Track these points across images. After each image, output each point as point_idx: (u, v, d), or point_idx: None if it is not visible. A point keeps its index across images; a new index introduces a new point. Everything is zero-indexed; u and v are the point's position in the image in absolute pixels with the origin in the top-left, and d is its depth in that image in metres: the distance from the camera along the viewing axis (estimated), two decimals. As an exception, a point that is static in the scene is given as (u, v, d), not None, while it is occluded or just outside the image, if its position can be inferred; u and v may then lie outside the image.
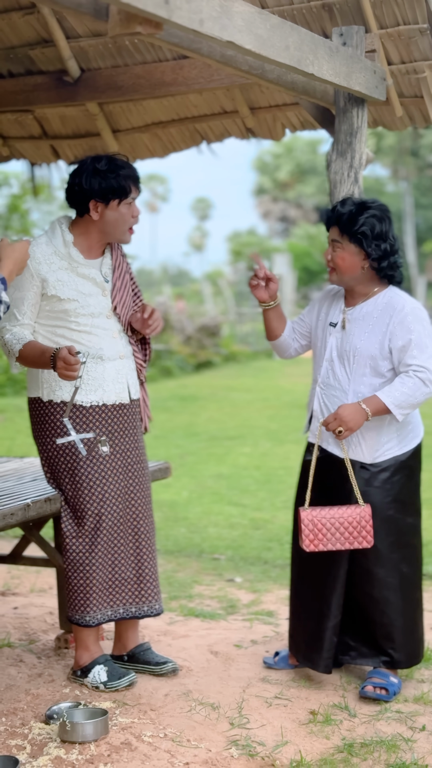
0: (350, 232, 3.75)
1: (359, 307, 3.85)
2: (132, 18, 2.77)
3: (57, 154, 5.62)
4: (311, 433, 3.93)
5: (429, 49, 4.20)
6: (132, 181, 3.83)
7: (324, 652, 3.86)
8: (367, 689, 3.78)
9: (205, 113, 5.13)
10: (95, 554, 3.82)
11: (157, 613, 3.96)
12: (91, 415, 3.82)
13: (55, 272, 3.79)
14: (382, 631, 3.85)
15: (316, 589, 3.90)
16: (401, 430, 3.84)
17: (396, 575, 3.84)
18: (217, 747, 3.34)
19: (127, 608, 3.90)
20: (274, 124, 5.09)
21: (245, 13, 3.10)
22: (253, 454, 10.22)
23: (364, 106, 4.15)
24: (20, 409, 13.88)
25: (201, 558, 6.09)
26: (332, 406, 3.84)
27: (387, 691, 3.78)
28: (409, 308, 3.76)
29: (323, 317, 3.97)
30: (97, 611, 3.84)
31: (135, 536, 3.92)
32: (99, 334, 3.83)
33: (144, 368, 4.03)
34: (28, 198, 17.06)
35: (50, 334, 3.81)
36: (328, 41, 3.72)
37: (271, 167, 49.64)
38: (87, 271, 3.84)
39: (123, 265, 3.98)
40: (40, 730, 3.45)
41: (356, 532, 3.71)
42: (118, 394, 3.87)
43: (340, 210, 3.79)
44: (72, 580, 3.84)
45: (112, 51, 4.82)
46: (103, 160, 3.82)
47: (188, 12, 2.80)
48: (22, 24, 4.84)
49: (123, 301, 3.91)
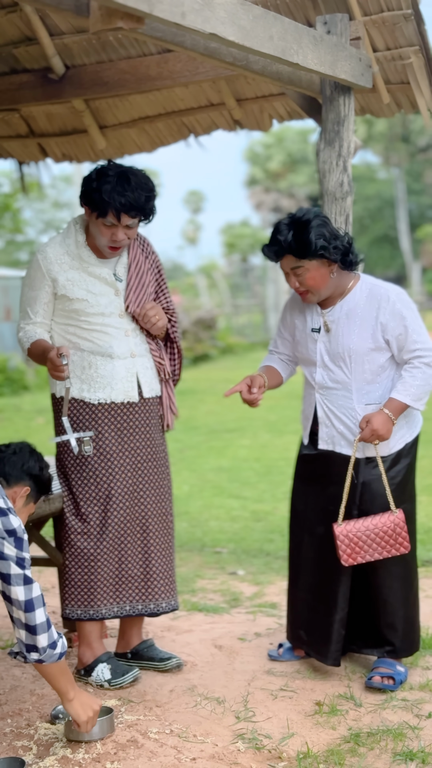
0: (309, 254, 3.68)
1: (338, 307, 3.82)
2: (113, 13, 2.75)
3: (45, 152, 5.60)
4: (322, 441, 3.87)
5: (414, 34, 4.17)
6: (116, 208, 3.67)
7: (332, 644, 3.86)
8: (374, 680, 3.78)
9: (191, 106, 5.12)
10: (101, 550, 3.82)
11: (166, 611, 3.94)
12: (99, 412, 3.83)
13: (66, 272, 3.80)
14: (386, 621, 3.85)
15: (320, 581, 3.90)
16: (408, 416, 3.85)
17: (400, 563, 3.84)
18: (223, 741, 3.34)
19: (133, 605, 3.90)
20: (262, 115, 5.07)
21: (227, 4, 3.09)
22: (252, 446, 10.22)
23: (351, 94, 4.14)
24: (18, 409, 13.88)
25: (203, 552, 6.09)
26: (337, 409, 3.82)
27: (394, 680, 3.78)
28: (394, 296, 3.76)
29: (300, 325, 3.93)
30: (102, 606, 3.84)
31: (143, 534, 3.91)
32: (110, 332, 3.83)
33: (164, 365, 3.99)
34: (20, 197, 17.02)
35: (63, 332, 3.86)
36: (312, 30, 3.70)
37: (262, 158, 49.54)
38: (98, 270, 3.84)
39: (144, 264, 3.95)
40: (45, 730, 3.45)
41: (392, 540, 3.71)
42: (126, 393, 3.87)
43: (284, 239, 3.68)
44: (74, 576, 3.84)
45: (97, 47, 4.79)
46: (111, 172, 3.72)
47: (170, 5, 2.79)
48: (5, 22, 4.81)
49: (138, 300, 3.88)
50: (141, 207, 3.72)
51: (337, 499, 3.80)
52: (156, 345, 3.99)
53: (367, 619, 3.90)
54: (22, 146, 5.60)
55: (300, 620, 4.00)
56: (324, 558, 3.87)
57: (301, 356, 3.96)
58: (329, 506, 3.84)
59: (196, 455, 9.78)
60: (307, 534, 3.94)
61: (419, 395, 3.72)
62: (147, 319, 3.87)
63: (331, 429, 3.85)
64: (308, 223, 3.68)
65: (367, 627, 3.92)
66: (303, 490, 3.98)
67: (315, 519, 3.91)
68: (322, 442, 3.87)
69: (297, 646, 4.04)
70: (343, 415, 3.81)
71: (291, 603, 4.06)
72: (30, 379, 16.49)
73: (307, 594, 3.95)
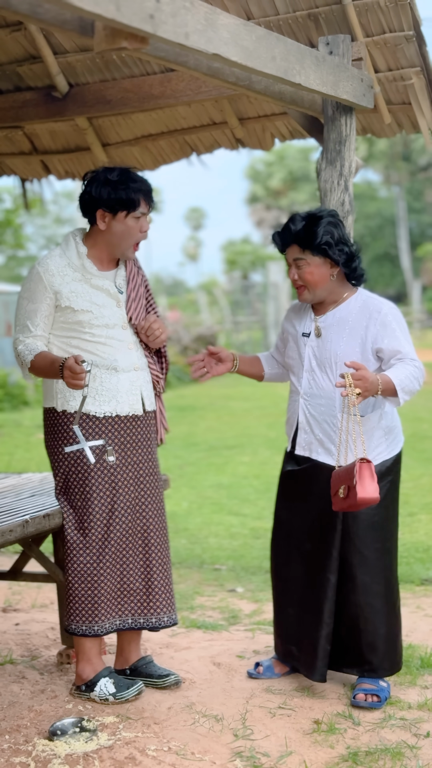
0: (312, 246, 3.76)
1: (331, 314, 3.86)
2: (117, 33, 2.78)
3: (47, 170, 5.63)
4: (299, 446, 3.91)
5: (415, 55, 4.21)
6: (143, 195, 3.83)
7: (319, 660, 3.86)
8: (358, 698, 3.77)
9: (194, 125, 5.15)
10: (103, 565, 3.82)
11: (167, 625, 3.94)
12: (104, 425, 3.84)
13: (69, 284, 3.82)
14: (366, 639, 3.85)
15: (308, 597, 3.90)
16: (388, 435, 3.86)
17: (381, 582, 3.84)
18: (221, 759, 3.34)
19: (135, 618, 3.90)
20: (264, 134, 5.10)
21: (230, 25, 3.11)
22: (252, 462, 10.22)
23: (352, 114, 4.17)
24: (18, 424, 13.88)
25: (202, 569, 6.09)
26: (319, 416, 3.84)
27: (378, 697, 3.77)
28: (386, 308, 3.79)
29: (293, 330, 3.98)
30: (105, 620, 3.84)
31: (145, 548, 3.92)
32: (114, 345, 3.85)
33: (160, 380, 4.03)
34: (22, 212, 17.07)
35: (65, 345, 3.85)
36: (315, 51, 3.73)
37: (263, 175, 49.71)
38: (101, 282, 3.86)
39: (138, 277, 4.00)
40: (44, 747, 3.44)
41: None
42: (131, 406, 3.88)
43: (294, 228, 3.79)
44: (77, 591, 3.84)
45: (100, 65, 4.83)
46: (115, 171, 3.84)
47: (173, 26, 2.81)
48: (10, 41, 4.85)
49: (138, 313, 3.92)
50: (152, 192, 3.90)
51: (324, 513, 3.80)
52: (153, 359, 4.01)
53: (348, 637, 3.89)
54: (25, 163, 5.63)
55: (289, 635, 4.00)
56: (311, 574, 3.88)
57: (290, 361, 3.98)
58: (315, 522, 3.86)
59: (195, 472, 9.77)
60: (295, 550, 3.95)
61: (406, 385, 3.66)
62: (151, 332, 3.89)
63: (309, 435, 3.87)
64: (320, 218, 3.78)
65: (347, 645, 3.91)
66: (287, 506, 3.99)
67: (302, 536, 3.92)
68: (299, 448, 3.91)
69: (287, 661, 4.04)
70: (325, 422, 3.83)
71: (279, 619, 4.06)
72: (30, 394, 16.50)
73: (296, 609, 3.96)
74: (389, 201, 44.20)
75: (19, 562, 4.51)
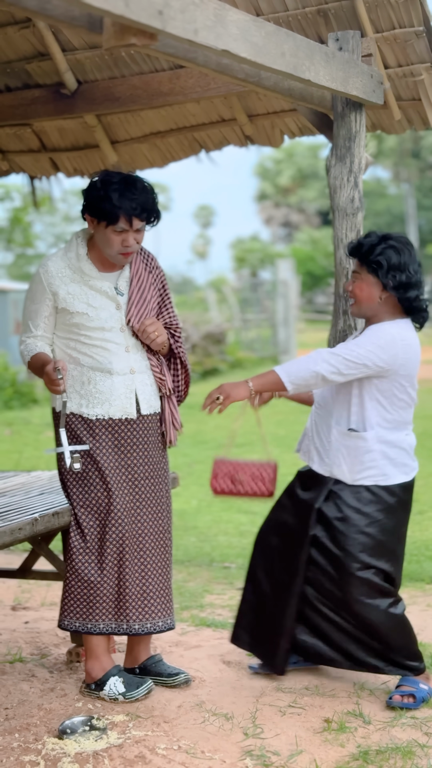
0: (367, 263, 3.76)
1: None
2: (126, 30, 2.76)
3: (56, 167, 5.63)
4: (302, 452, 4.06)
5: (426, 51, 4.19)
6: (126, 212, 3.69)
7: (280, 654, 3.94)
8: (394, 698, 3.76)
9: (203, 122, 5.14)
10: (101, 568, 3.81)
11: (162, 629, 3.91)
12: (96, 428, 3.82)
13: (67, 285, 3.81)
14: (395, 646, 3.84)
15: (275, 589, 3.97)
16: (386, 460, 3.79)
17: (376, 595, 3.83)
18: (231, 758, 3.33)
19: (130, 624, 3.86)
20: (273, 131, 5.09)
21: (240, 21, 3.10)
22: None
23: (362, 110, 4.15)
24: (27, 422, 13.89)
25: (211, 567, 6.08)
26: (318, 425, 3.95)
27: (414, 698, 3.75)
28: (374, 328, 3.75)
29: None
30: (100, 621, 3.82)
31: (140, 552, 3.88)
32: (110, 348, 3.82)
33: (164, 382, 3.95)
34: (31, 210, 17.09)
35: (65, 347, 3.86)
36: (324, 47, 3.72)
37: (272, 173, 49.67)
38: (99, 284, 3.84)
39: (146, 278, 3.93)
40: (53, 745, 3.44)
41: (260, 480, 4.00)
42: (125, 409, 3.86)
43: (361, 241, 3.81)
44: (74, 590, 3.82)
45: (109, 62, 4.82)
46: (115, 179, 3.75)
47: (182, 22, 2.80)
48: (18, 38, 4.85)
49: (139, 315, 3.87)
50: (150, 209, 3.77)
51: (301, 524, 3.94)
52: (157, 361, 3.97)
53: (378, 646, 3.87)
54: (34, 161, 5.63)
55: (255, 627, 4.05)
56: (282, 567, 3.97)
57: None
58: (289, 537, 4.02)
59: (204, 470, 9.75)
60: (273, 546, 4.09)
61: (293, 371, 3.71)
62: (146, 334, 3.85)
63: (309, 442, 4.00)
64: (386, 239, 3.75)
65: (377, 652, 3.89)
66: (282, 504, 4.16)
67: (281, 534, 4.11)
68: (302, 453, 4.05)
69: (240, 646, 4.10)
70: (322, 432, 3.92)
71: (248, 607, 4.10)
72: (39, 392, 16.51)
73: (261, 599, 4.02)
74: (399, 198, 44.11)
75: (28, 560, 4.51)
